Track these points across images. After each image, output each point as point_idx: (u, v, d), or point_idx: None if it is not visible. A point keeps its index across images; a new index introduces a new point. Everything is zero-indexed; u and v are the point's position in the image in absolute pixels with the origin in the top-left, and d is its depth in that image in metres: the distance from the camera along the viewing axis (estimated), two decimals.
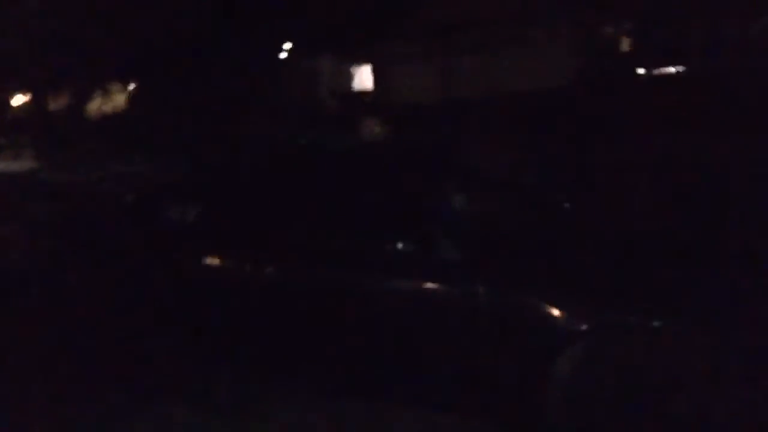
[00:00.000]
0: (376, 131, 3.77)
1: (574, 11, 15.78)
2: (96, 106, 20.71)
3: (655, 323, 2.20)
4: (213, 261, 3.03)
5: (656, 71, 16.40)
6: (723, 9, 15.10)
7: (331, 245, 2.78)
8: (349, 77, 21.69)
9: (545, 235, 3.01)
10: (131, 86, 21.43)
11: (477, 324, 2.47)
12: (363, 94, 21.21)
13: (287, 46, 22.01)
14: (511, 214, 3.16)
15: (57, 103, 20.09)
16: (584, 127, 10.39)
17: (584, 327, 2.29)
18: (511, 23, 16.50)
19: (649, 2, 16.73)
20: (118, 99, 21.24)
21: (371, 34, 19.14)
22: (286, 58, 21.98)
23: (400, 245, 2.55)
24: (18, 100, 20.70)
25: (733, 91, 10.51)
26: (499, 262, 2.58)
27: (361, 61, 21.30)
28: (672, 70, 16.46)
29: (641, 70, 16.43)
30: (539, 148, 9.31)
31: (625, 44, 17.14)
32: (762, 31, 15.17)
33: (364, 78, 21.53)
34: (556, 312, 2.36)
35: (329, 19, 20.55)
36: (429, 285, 2.58)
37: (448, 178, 3.29)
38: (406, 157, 3.45)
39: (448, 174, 3.38)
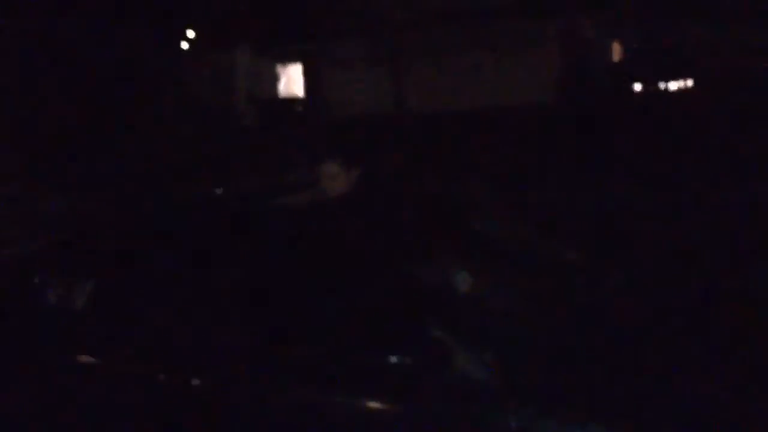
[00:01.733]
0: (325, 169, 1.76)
1: (558, 10, 13.55)
2: None
3: None
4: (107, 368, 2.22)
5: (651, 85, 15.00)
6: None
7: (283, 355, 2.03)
8: (274, 80, 18.51)
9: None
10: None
11: None
12: (292, 101, 18.25)
13: (195, 36, 18.83)
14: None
15: None
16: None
17: None
18: (479, 22, 14.45)
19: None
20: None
21: (305, 30, 16.43)
22: (194, 54, 18.92)
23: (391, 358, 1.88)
24: None
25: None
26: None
27: (288, 61, 18.22)
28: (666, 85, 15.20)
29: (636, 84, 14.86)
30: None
31: (617, 53, 15.30)
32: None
33: (293, 82, 18.59)
34: None
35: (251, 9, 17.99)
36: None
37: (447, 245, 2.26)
38: (377, 218, 2.26)
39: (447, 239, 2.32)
